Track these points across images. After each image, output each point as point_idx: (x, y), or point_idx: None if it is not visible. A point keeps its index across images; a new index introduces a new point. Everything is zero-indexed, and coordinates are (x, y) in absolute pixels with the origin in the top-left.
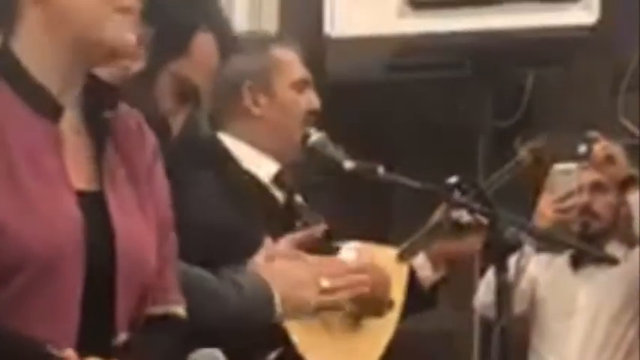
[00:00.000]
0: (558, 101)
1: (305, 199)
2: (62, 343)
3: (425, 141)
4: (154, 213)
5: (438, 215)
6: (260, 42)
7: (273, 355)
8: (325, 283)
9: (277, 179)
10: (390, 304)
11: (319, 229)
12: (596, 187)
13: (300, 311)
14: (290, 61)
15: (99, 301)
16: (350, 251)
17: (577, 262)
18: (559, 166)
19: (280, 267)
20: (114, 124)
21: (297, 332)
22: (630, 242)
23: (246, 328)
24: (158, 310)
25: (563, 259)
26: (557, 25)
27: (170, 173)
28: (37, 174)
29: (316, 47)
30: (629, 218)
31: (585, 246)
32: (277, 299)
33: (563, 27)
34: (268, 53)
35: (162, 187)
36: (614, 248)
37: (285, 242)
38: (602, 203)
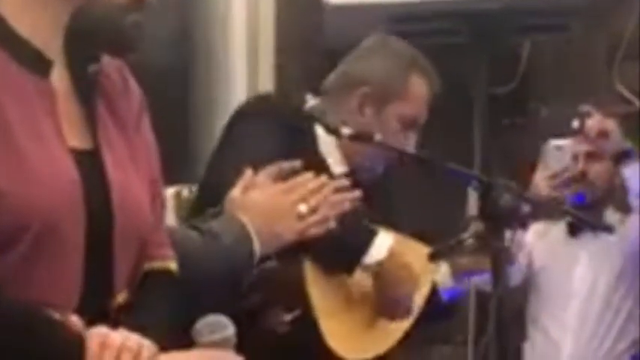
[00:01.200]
0: (555, 69)
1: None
2: (65, 305)
3: None
4: (146, 166)
5: (477, 225)
6: (406, 54)
7: (289, 316)
8: (302, 207)
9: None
10: (409, 312)
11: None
12: (591, 156)
13: (278, 245)
14: (418, 96)
15: (97, 261)
16: (386, 243)
17: (574, 230)
18: (553, 142)
19: (255, 199)
20: (98, 77)
21: (317, 298)
22: (626, 210)
23: (229, 280)
24: (155, 264)
25: (559, 227)
26: None
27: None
28: (33, 134)
29: (315, 14)
30: (623, 186)
31: (580, 214)
32: (256, 242)
33: None
34: (407, 73)
35: (151, 141)
36: (610, 215)
37: (264, 173)
38: (597, 171)
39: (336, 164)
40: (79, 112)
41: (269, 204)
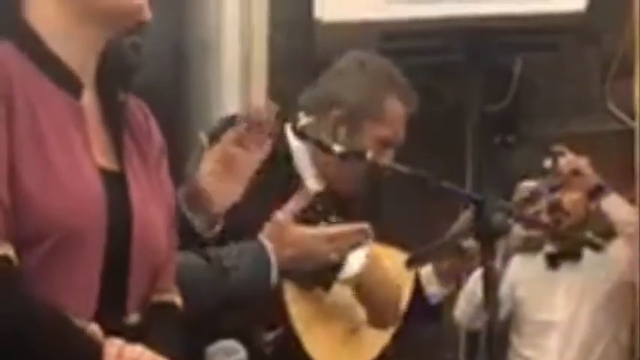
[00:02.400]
0: (547, 87)
1: None
2: (82, 313)
3: (414, 125)
4: (164, 202)
5: (454, 228)
6: (382, 76)
7: (271, 335)
8: (334, 256)
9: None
10: (396, 319)
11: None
12: (565, 186)
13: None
14: (394, 117)
15: (113, 278)
16: (359, 258)
17: (554, 260)
18: (525, 183)
19: (300, 237)
20: (126, 107)
21: (297, 315)
22: (606, 235)
23: (237, 307)
24: (164, 297)
25: (540, 259)
26: (546, 11)
27: None
28: (63, 147)
29: (307, 31)
30: (601, 216)
31: (570, 232)
32: (274, 267)
33: (552, 13)
34: (383, 96)
35: (169, 185)
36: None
37: (283, 214)
38: (571, 200)
39: (312, 181)
40: (106, 137)
41: (310, 247)
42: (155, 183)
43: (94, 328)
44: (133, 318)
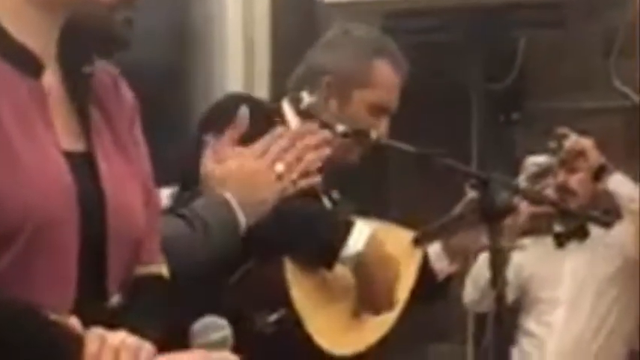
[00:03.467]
0: (551, 64)
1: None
2: (61, 306)
3: (417, 105)
4: (139, 172)
5: (460, 206)
6: (369, 40)
7: (274, 317)
8: (279, 167)
9: None
10: (391, 305)
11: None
12: (569, 170)
13: (264, 211)
14: (384, 82)
15: (91, 264)
16: (363, 235)
17: (560, 240)
18: (532, 159)
19: (230, 170)
20: (91, 80)
21: (300, 296)
22: (614, 216)
23: (218, 263)
24: (147, 269)
25: (546, 239)
26: None
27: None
28: (26, 135)
29: (309, 11)
30: (606, 192)
31: (578, 210)
32: (241, 216)
33: None
34: (370, 60)
35: (142, 148)
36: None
37: (225, 141)
38: (577, 180)
39: None
40: (72, 115)
41: (246, 171)
42: (129, 151)
43: (74, 322)
44: (114, 300)
